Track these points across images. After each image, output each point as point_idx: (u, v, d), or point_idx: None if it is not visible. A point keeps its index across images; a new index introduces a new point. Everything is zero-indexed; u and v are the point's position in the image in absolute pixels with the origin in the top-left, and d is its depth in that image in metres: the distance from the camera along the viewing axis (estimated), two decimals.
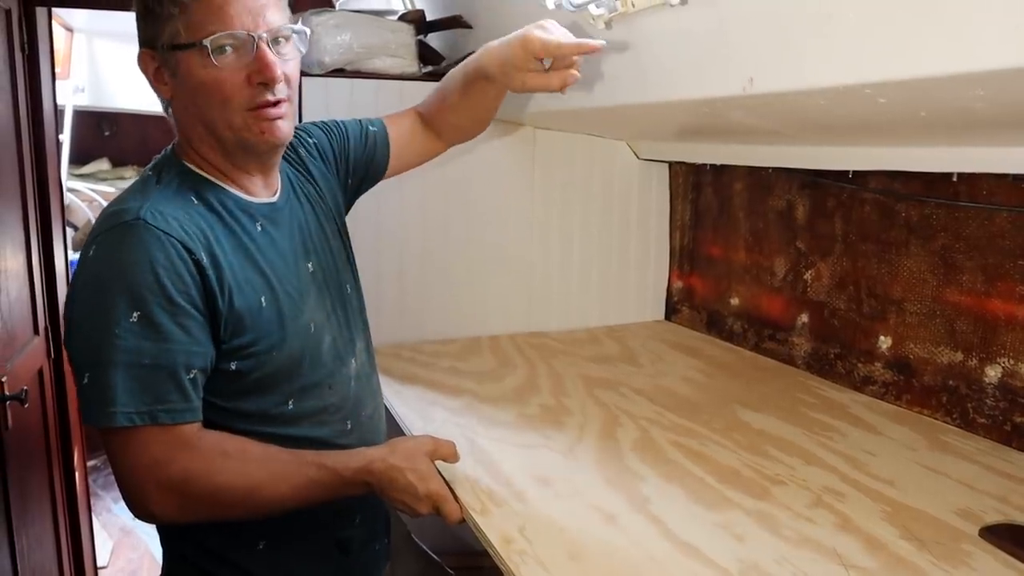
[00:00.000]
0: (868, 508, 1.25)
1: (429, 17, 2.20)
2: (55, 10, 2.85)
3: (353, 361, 1.34)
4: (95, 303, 1.05)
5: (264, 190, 1.24)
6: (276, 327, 1.17)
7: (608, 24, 1.41)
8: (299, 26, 1.19)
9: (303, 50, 1.20)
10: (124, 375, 1.03)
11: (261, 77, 1.11)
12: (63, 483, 2.47)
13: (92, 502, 3.00)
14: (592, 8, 1.39)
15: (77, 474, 2.65)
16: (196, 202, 1.15)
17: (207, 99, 1.12)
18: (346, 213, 1.47)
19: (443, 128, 1.55)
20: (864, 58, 0.99)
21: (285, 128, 1.17)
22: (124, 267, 1.04)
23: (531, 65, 1.28)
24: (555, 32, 1.26)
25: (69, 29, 4.26)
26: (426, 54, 2.16)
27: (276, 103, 1.14)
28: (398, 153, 1.53)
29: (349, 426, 1.30)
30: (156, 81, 1.16)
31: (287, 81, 1.15)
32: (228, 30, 1.08)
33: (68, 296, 1.10)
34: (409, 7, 2.41)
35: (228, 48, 1.09)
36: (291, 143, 1.34)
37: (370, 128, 1.51)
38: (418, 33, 2.13)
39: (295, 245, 1.27)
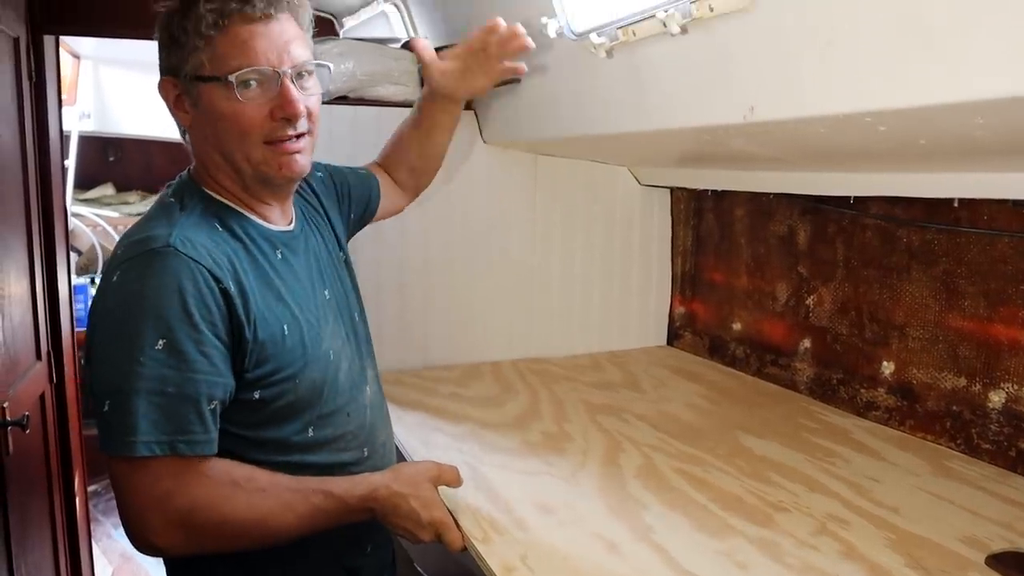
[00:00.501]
0: (872, 536, 1.24)
1: (432, 45, 2.22)
2: (63, 37, 2.88)
3: (367, 388, 1.34)
4: (119, 329, 1.04)
5: (281, 218, 1.25)
6: (299, 355, 1.17)
7: (610, 53, 1.42)
8: (322, 61, 1.20)
9: (326, 84, 1.22)
10: (146, 403, 1.02)
11: (284, 113, 1.12)
12: (63, 509, 2.46)
13: (92, 528, 2.98)
14: (594, 37, 1.41)
15: (78, 499, 2.64)
16: (220, 229, 1.15)
17: (227, 131, 1.13)
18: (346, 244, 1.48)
19: (400, 172, 1.64)
20: (864, 87, 1.00)
21: (302, 162, 1.18)
22: (152, 294, 1.03)
23: (463, 58, 1.45)
24: (493, 31, 1.41)
25: (76, 56, 4.30)
26: None
27: (297, 136, 1.15)
28: (381, 199, 1.59)
29: (366, 453, 1.30)
30: (176, 108, 1.16)
31: (309, 115, 1.16)
32: (253, 65, 1.10)
33: (90, 322, 1.09)
34: (412, 35, 2.43)
35: (253, 83, 1.10)
36: (303, 184, 1.38)
37: (361, 171, 1.57)
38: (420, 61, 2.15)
39: (312, 273, 1.28)
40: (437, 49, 2.18)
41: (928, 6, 0.86)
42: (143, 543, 1.07)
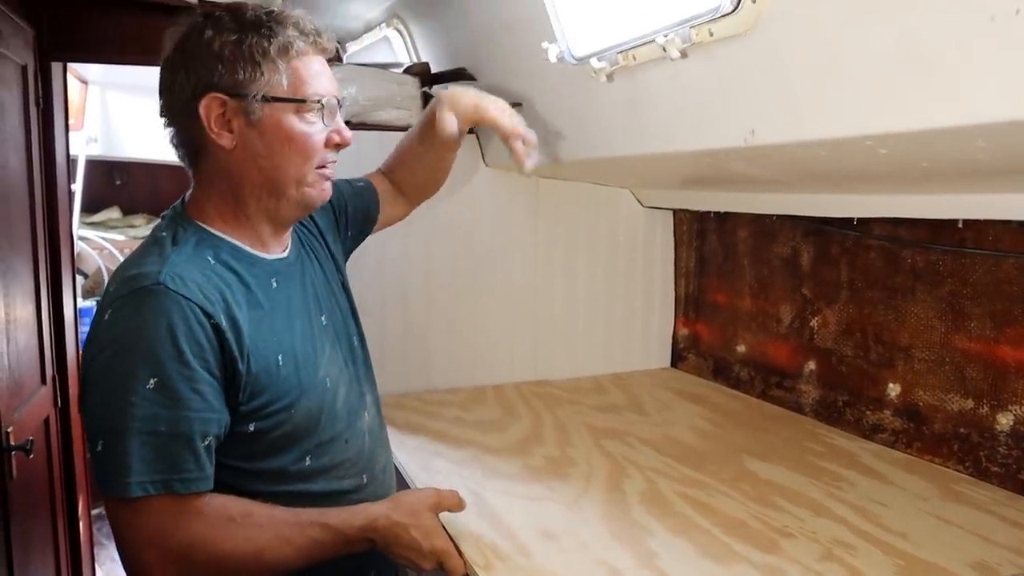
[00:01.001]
0: (880, 562, 1.23)
1: (434, 70, 2.24)
2: (70, 64, 2.91)
3: (365, 414, 1.34)
4: (111, 369, 1.04)
5: (277, 246, 1.25)
6: (294, 384, 1.17)
7: (610, 77, 1.43)
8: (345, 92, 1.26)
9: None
10: (139, 443, 1.02)
11: (341, 139, 1.20)
12: (67, 533, 2.45)
13: (96, 551, 2.97)
14: (594, 62, 1.42)
15: (81, 523, 2.63)
16: (213, 262, 1.14)
17: (290, 152, 1.15)
18: (344, 266, 1.48)
19: (404, 184, 1.65)
20: (864, 111, 1.00)
21: (332, 188, 1.25)
22: (142, 332, 1.03)
23: (466, 119, 1.52)
24: (504, 114, 1.53)
25: (84, 81, 4.34)
26: None
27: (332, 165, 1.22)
28: (382, 208, 1.59)
29: (365, 479, 1.29)
30: (216, 126, 1.13)
31: None
32: (326, 94, 1.17)
33: (84, 360, 1.09)
34: (414, 60, 2.45)
35: (322, 110, 1.17)
36: None
37: (358, 184, 1.57)
38: (423, 85, 2.16)
39: (308, 300, 1.27)
40: (437, 75, 2.20)
41: (927, 31, 0.86)
42: None
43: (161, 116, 1.18)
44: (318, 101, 1.16)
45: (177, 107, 1.15)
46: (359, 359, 1.38)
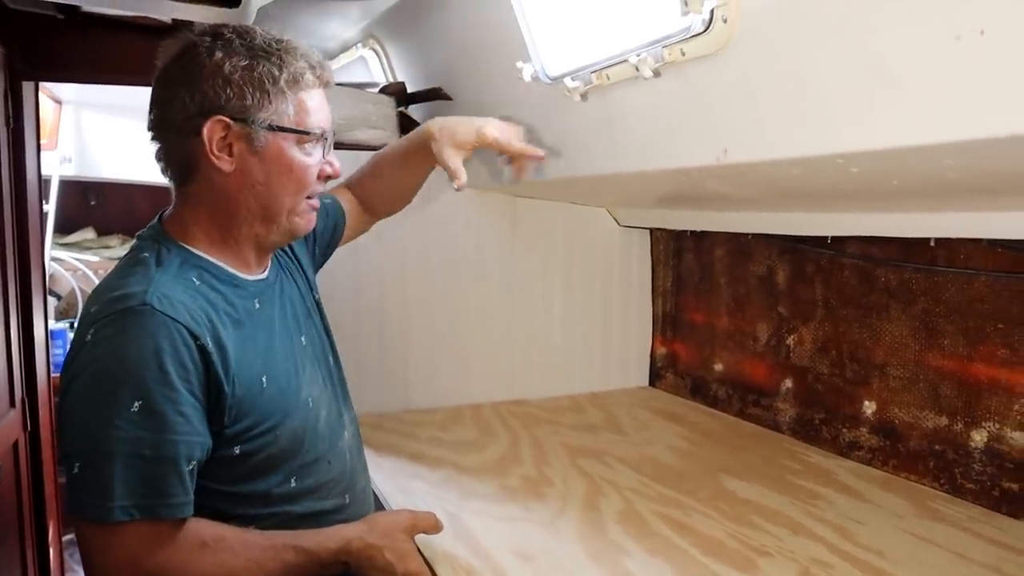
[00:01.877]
0: None
1: (410, 89, 2.24)
2: (43, 83, 2.88)
3: (345, 433, 1.33)
4: (94, 390, 1.01)
5: (257, 268, 1.25)
6: (278, 406, 1.16)
7: (584, 96, 1.43)
8: None
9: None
10: (123, 467, 0.99)
11: (332, 171, 1.22)
12: (36, 560, 2.39)
13: None
14: (568, 81, 1.42)
15: (52, 549, 2.58)
16: (198, 283, 1.13)
17: (288, 182, 1.16)
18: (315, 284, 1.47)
19: (373, 200, 1.64)
20: (834, 130, 1.00)
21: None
22: (127, 353, 1.01)
23: (468, 149, 1.49)
24: (507, 132, 1.50)
25: (57, 101, 4.31)
26: (407, 125, 2.18)
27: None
28: (348, 223, 1.59)
29: (347, 499, 1.28)
30: (217, 149, 1.12)
31: None
32: (324, 127, 1.19)
33: (63, 381, 1.06)
34: (390, 80, 2.45)
35: (320, 143, 1.19)
36: None
37: (325, 200, 1.54)
38: (399, 105, 2.16)
39: (288, 320, 1.27)
40: (413, 95, 2.20)
41: (894, 51, 0.87)
42: None
43: (149, 130, 1.16)
44: (321, 134, 1.17)
45: (172, 123, 1.13)
46: (335, 379, 1.37)
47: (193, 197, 1.17)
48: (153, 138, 1.17)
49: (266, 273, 1.26)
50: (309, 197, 1.20)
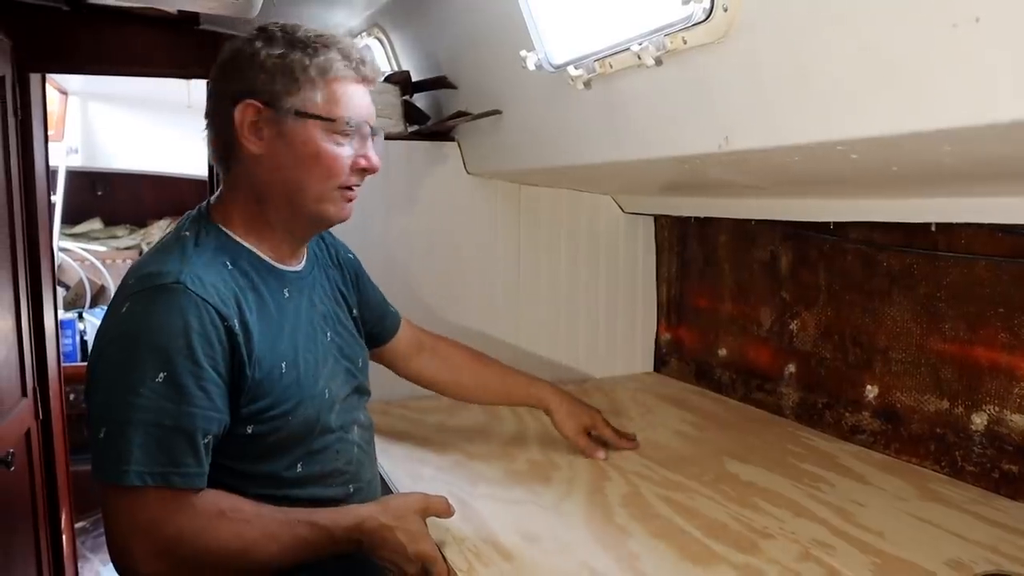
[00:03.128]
0: (858, 561, 1.24)
1: (415, 78, 2.25)
2: (50, 74, 2.90)
3: (356, 428, 1.37)
4: (122, 360, 1.07)
5: (292, 259, 1.30)
6: (294, 392, 1.20)
7: (587, 85, 1.44)
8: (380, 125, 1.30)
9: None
10: (142, 434, 1.04)
11: (367, 165, 1.24)
12: (49, 546, 2.43)
13: (80, 565, 2.95)
14: (571, 69, 1.43)
15: (64, 536, 2.62)
16: (231, 266, 1.19)
17: (313, 168, 1.19)
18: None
19: (423, 376, 1.75)
20: (834, 117, 1.02)
21: (352, 210, 1.28)
22: (158, 328, 1.06)
23: (584, 429, 1.72)
24: (607, 428, 1.74)
25: (64, 92, 4.33)
26: (412, 114, 2.19)
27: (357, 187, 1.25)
28: (390, 348, 1.65)
29: (351, 489, 1.32)
30: (249, 132, 1.19)
31: None
32: (359, 118, 1.21)
33: (94, 349, 1.12)
34: (395, 68, 2.46)
35: (353, 133, 1.21)
36: (332, 245, 1.48)
37: (391, 309, 1.64)
38: (404, 93, 2.17)
39: (315, 315, 1.31)
40: (418, 83, 2.21)
41: (892, 39, 0.88)
42: (126, 570, 1.08)
43: (205, 118, 1.25)
44: (347, 123, 1.20)
45: (214, 111, 1.22)
46: (359, 379, 1.41)
47: (232, 182, 1.24)
48: (206, 127, 1.25)
49: (301, 266, 1.32)
50: (347, 188, 1.24)
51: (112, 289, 4.32)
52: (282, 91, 1.17)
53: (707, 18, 1.09)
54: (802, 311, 1.95)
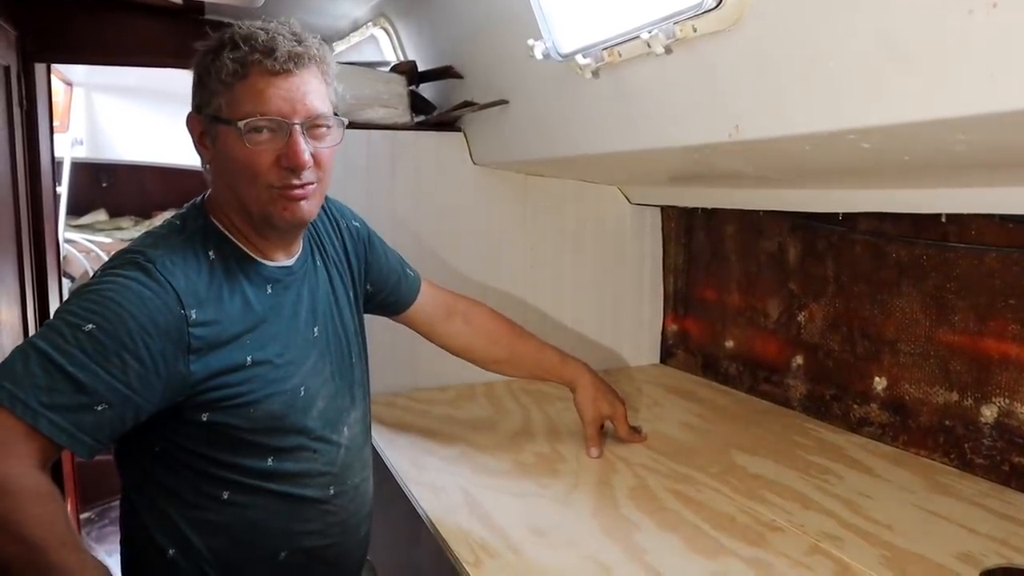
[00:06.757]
0: (867, 554, 1.24)
1: (421, 68, 2.24)
2: (54, 65, 2.89)
3: (345, 430, 1.33)
4: (70, 307, 1.07)
5: (280, 254, 1.28)
6: (257, 386, 1.18)
7: (596, 74, 1.43)
8: (340, 118, 1.23)
9: (340, 137, 1.23)
10: (41, 367, 1.01)
11: (288, 162, 1.15)
12: None
13: None
14: (579, 58, 1.42)
15: None
16: (212, 257, 1.19)
17: (237, 173, 1.17)
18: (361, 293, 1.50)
19: (455, 343, 1.72)
20: (846, 105, 1.01)
21: (307, 208, 1.21)
22: (113, 293, 1.07)
23: (601, 418, 1.72)
24: (622, 427, 1.74)
25: (68, 83, 4.32)
26: (418, 104, 2.18)
27: (302, 186, 1.18)
28: (414, 313, 1.64)
29: (332, 492, 1.29)
30: (199, 143, 1.22)
31: (318, 165, 1.19)
32: (266, 115, 1.13)
33: None
34: (401, 58, 2.45)
35: (264, 131, 1.14)
36: (334, 216, 1.44)
37: (409, 272, 1.61)
38: (410, 83, 2.16)
39: (300, 309, 1.28)
40: (424, 73, 2.20)
41: (907, 25, 0.87)
42: None
43: None
44: (249, 123, 1.12)
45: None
46: (353, 376, 1.38)
47: (209, 182, 1.26)
48: None
49: (292, 261, 1.29)
50: (284, 187, 1.16)
51: None
52: (203, 100, 1.17)
53: (717, 6, 1.08)
54: (810, 303, 1.94)
